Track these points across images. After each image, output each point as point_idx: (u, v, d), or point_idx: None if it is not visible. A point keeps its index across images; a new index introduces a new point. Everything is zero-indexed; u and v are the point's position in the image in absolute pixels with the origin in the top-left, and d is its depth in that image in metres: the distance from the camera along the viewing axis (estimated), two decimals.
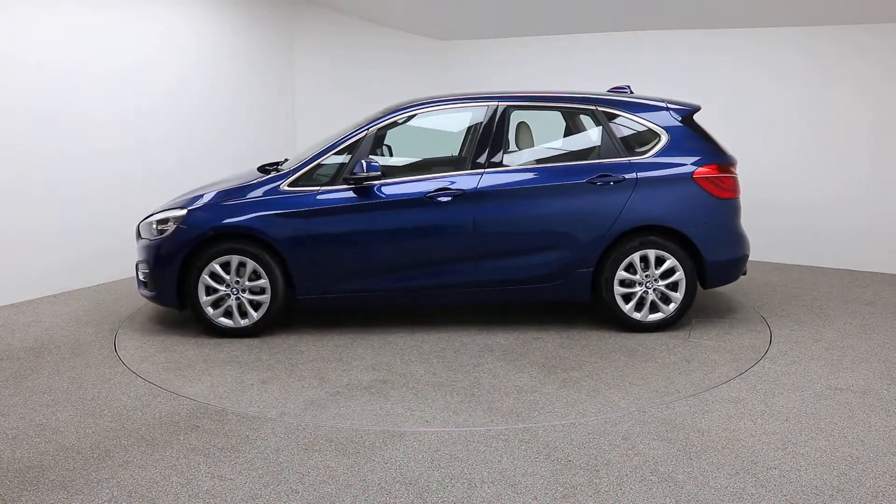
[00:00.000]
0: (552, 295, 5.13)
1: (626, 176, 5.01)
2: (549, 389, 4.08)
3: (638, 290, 5.07)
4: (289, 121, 8.32)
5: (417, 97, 5.50)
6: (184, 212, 5.07)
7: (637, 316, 5.08)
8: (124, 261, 6.72)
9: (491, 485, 3.04)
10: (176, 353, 4.73)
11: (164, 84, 6.91)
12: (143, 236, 5.22)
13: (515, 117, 5.33)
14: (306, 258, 4.98)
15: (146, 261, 5.14)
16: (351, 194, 5.00)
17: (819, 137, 7.39)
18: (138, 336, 5.09)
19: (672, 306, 5.08)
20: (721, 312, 5.65)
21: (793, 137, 7.51)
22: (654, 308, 5.09)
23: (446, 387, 4.17)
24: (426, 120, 5.43)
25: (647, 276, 5.05)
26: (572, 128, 5.63)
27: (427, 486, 3.04)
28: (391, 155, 5.75)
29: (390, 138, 5.61)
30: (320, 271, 5.01)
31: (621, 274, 5.03)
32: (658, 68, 7.92)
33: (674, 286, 5.07)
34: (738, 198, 5.20)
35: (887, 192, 7.11)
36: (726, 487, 3.01)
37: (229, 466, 3.20)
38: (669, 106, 5.22)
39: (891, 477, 3.10)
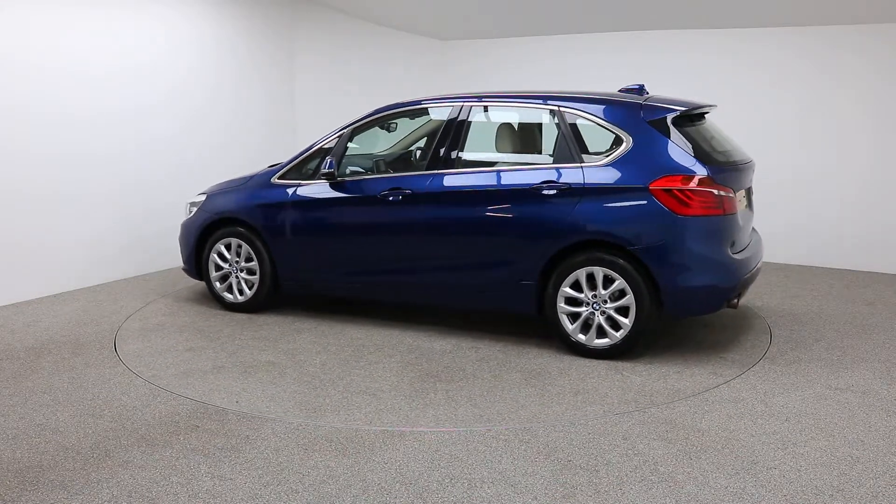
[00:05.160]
0: (498, 304, 4.90)
1: (573, 184, 4.51)
2: (389, 396, 4.02)
3: (584, 310, 4.54)
4: (290, 120, 8.32)
5: (405, 99, 5.56)
6: (204, 197, 5.84)
7: (582, 338, 4.56)
8: (124, 261, 6.73)
9: (491, 485, 3.04)
10: (173, 345, 4.75)
11: (164, 85, 6.91)
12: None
13: (477, 118, 5.10)
14: (284, 245, 5.42)
15: (179, 238, 5.94)
16: (320, 190, 5.30)
17: (819, 137, 7.39)
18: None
19: (620, 333, 4.46)
20: (716, 320, 5.65)
21: (793, 137, 7.50)
22: (602, 332, 4.53)
23: (308, 377, 4.30)
24: (404, 121, 5.59)
25: (594, 295, 4.50)
26: (534, 130, 5.36)
27: (427, 486, 3.04)
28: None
29: (368, 138, 5.74)
30: (295, 258, 5.42)
31: (567, 291, 4.55)
32: (657, 69, 7.91)
33: (624, 311, 4.46)
34: (718, 216, 4.37)
35: (887, 193, 7.11)
36: (726, 487, 3.01)
37: (229, 466, 3.20)
38: (645, 105, 4.60)
39: (891, 477, 3.10)
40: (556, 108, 4.78)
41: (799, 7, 7.04)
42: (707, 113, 5.08)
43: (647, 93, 5.03)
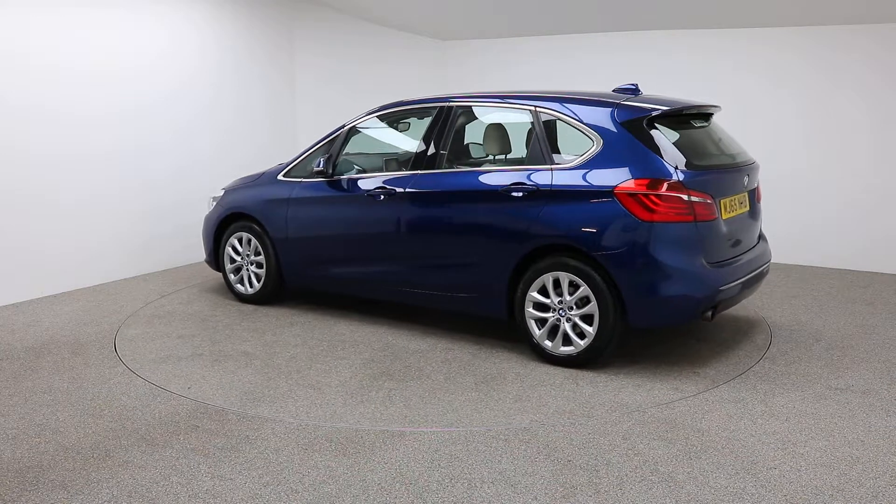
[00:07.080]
0: (472, 307, 4.82)
1: (541, 186, 4.40)
2: (332, 391, 4.06)
3: (551, 316, 4.42)
4: (290, 120, 8.32)
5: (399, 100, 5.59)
6: (222, 192, 6.10)
7: (548, 345, 4.43)
8: (124, 261, 6.73)
9: (491, 485, 3.04)
10: (169, 332, 4.75)
11: (164, 85, 6.91)
12: None
13: (458, 119, 5.04)
14: (285, 241, 5.59)
15: (202, 231, 6.22)
16: (317, 188, 5.43)
17: (819, 137, 7.39)
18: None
19: (585, 341, 4.30)
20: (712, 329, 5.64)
21: (793, 137, 7.50)
22: (568, 340, 4.39)
23: (269, 368, 4.44)
24: (396, 121, 5.65)
25: (560, 301, 4.37)
26: (511, 130, 5.26)
27: (427, 486, 3.04)
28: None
29: (366, 138, 5.79)
30: (294, 254, 5.58)
31: (535, 296, 4.44)
32: (656, 69, 7.91)
33: (589, 318, 4.30)
34: (689, 223, 4.14)
35: (887, 193, 7.11)
36: (726, 487, 3.01)
37: (229, 466, 3.20)
38: (620, 106, 4.41)
39: (891, 477, 3.10)
40: (532, 108, 4.66)
41: (799, 7, 7.04)
42: (711, 114, 4.96)
43: (641, 92, 4.86)
